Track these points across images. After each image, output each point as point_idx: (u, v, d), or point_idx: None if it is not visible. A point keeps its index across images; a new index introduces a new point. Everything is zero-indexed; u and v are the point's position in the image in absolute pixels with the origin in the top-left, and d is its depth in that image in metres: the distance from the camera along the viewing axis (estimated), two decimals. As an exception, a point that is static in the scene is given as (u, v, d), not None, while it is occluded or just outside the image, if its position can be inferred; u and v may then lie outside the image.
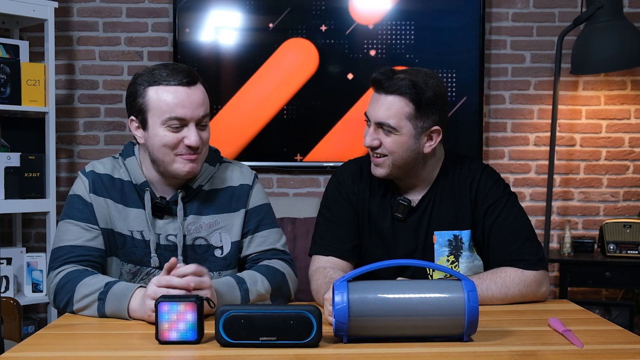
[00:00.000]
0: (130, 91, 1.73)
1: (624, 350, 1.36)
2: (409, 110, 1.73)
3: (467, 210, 1.82)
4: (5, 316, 2.08)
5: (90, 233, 1.72)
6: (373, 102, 1.77)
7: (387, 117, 1.73)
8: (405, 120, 1.74)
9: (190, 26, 3.47)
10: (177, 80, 1.68)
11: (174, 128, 1.68)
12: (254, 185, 1.86)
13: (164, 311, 1.36)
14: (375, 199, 1.86)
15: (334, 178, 1.92)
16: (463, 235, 1.82)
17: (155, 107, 1.68)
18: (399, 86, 1.72)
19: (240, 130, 3.49)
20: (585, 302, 3.16)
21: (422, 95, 1.72)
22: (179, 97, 1.67)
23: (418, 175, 1.83)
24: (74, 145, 3.59)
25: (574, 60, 3.35)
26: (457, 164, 1.86)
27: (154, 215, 1.75)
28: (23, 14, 3.12)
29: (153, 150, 1.71)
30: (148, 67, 1.75)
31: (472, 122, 3.47)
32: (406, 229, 1.84)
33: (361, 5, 3.46)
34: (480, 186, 1.82)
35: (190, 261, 1.74)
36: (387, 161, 1.77)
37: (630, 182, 3.59)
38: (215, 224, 1.79)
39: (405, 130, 1.74)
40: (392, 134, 1.74)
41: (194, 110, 1.68)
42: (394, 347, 1.34)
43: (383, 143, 1.76)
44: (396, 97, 1.73)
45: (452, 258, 1.82)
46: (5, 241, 3.44)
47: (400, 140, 1.75)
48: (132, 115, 1.74)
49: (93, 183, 1.75)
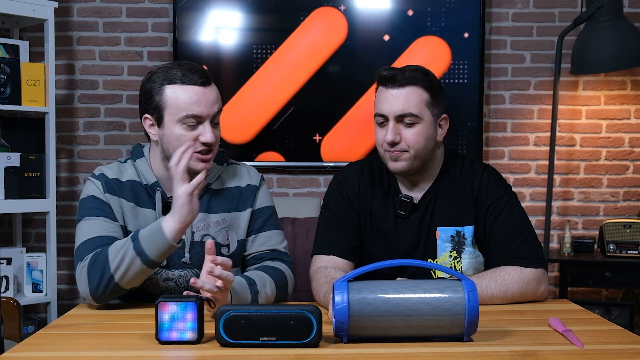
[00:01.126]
0: (145, 89, 1.77)
1: (624, 350, 1.36)
2: (427, 98, 1.79)
3: (470, 206, 1.84)
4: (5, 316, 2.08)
5: (113, 225, 1.74)
6: (387, 99, 1.78)
7: (409, 107, 1.76)
8: (425, 107, 1.78)
9: (190, 26, 3.47)
10: (194, 79, 1.73)
11: (190, 126, 1.72)
12: (260, 186, 1.90)
13: (164, 311, 1.36)
14: (377, 198, 1.88)
15: (335, 180, 1.93)
16: (466, 231, 1.83)
17: (172, 104, 1.72)
18: (414, 77, 1.77)
19: (239, 130, 3.49)
20: (585, 302, 3.16)
21: (433, 82, 1.80)
22: (196, 95, 1.72)
23: (428, 168, 1.85)
24: (74, 145, 3.59)
25: (574, 60, 3.35)
26: (457, 162, 1.89)
27: (165, 214, 1.76)
28: (23, 14, 3.12)
29: (168, 148, 1.75)
30: (162, 66, 1.79)
31: (472, 122, 3.47)
32: (408, 226, 1.85)
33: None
34: (482, 184, 1.84)
35: (197, 258, 1.78)
36: (407, 155, 1.79)
37: (630, 182, 3.59)
38: (223, 222, 1.82)
39: (426, 118, 1.79)
40: (415, 124, 1.78)
41: (209, 108, 1.73)
42: (394, 347, 1.34)
43: (403, 137, 1.78)
44: (412, 87, 1.77)
45: (454, 254, 1.84)
46: (5, 241, 3.44)
47: (422, 130, 1.78)
48: (147, 113, 1.78)
49: (106, 184, 1.78)
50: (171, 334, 1.37)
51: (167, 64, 1.80)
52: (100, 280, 1.63)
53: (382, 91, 1.80)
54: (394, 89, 1.77)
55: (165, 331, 1.37)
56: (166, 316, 1.36)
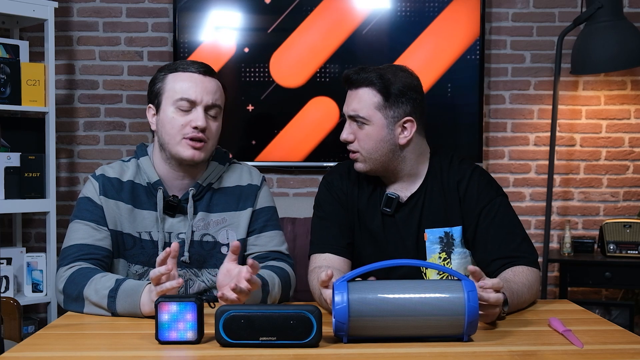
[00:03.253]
0: (152, 80, 1.82)
1: (624, 350, 1.36)
2: (378, 101, 1.78)
3: (456, 207, 1.83)
4: (5, 316, 2.08)
5: (99, 233, 1.75)
6: (347, 98, 1.83)
7: (359, 109, 1.79)
8: (374, 110, 1.78)
9: (190, 26, 3.47)
10: (194, 68, 1.77)
11: (182, 110, 1.75)
12: (262, 187, 1.90)
13: (164, 311, 1.36)
14: (364, 196, 1.88)
15: (324, 180, 1.95)
16: (454, 232, 1.83)
17: (170, 89, 1.77)
18: (367, 78, 1.79)
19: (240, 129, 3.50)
20: (585, 302, 3.16)
21: (389, 85, 1.78)
22: (193, 81, 1.76)
23: (399, 169, 1.84)
24: (74, 145, 3.59)
25: (574, 60, 3.35)
26: (445, 161, 1.88)
27: (166, 213, 1.78)
28: (23, 14, 3.12)
29: (162, 133, 1.77)
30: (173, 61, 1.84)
31: (472, 122, 3.47)
32: (396, 226, 1.85)
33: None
34: (470, 187, 1.83)
35: (196, 257, 1.79)
36: (359, 156, 1.81)
37: (630, 182, 3.59)
38: (223, 221, 1.83)
39: (375, 120, 1.79)
40: (365, 125, 1.79)
41: (204, 95, 1.75)
42: (394, 347, 1.34)
43: (357, 137, 1.81)
44: (365, 89, 1.79)
45: (444, 255, 1.83)
46: (5, 241, 3.44)
47: (372, 132, 1.79)
48: (150, 102, 1.81)
49: (103, 186, 1.79)
50: (171, 334, 1.37)
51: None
52: (75, 298, 1.65)
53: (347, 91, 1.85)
54: (350, 89, 1.82)
55: (165, 331, 1.37)
56: (166, 316, 1.36)
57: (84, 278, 1.65)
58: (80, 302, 1.64)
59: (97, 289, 1.62)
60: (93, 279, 1.64)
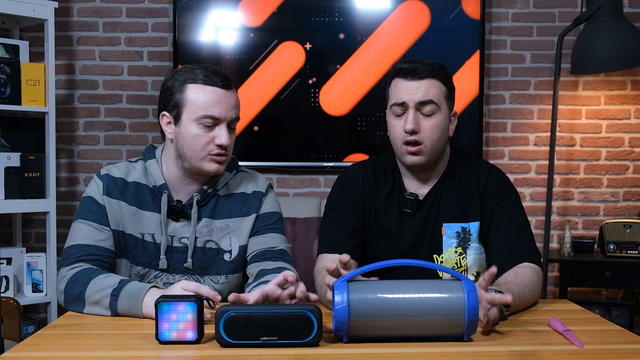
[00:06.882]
0: (167, 86, 1.78)
1: (624, 350, 1.36)
2: (445, 90, 1.82)
3: (475, 203, 1.86)
4: (5, 316, 2.08)
5: (101, 233, 1.75)
6: (407, 89, 1.79)
7: (432, 95, 1.78)
8: (443, 99, 1.81)
9: (190, 26, 3.47)
10: (216, 81, 1.74)
11: (206, 126, 1.73)
12: (267, 193, 1.89)
13: (164, 311, 1.36)
14: (382, 197, 1.89)
15: (338, 181, 1.94)
16: (471, 227, 1.85)
17: (192, 103, 1.73)
18: (433, 69, 1.80)
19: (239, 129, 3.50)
20: (585, 302, 3.16)
21: (449, 76, 1.84)
22: (216, 97, 1.73)
23: (438, 164, 1.87)
24: (74, 145, 3.59)
25: (574, 60, 3.35)
26: (463, 159, 1.91)
27: (170, 217, 1.78)
28: (23, 14, 3.12)
29: (183, 146, 1.75)
30: (186, 66, 1.80)
31: (472, 122, 3.47)
32: (414, 223, 1.86)
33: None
34: (489, 182, 1.87)
35: (199, 263, 1.79)
36: (424, 147, 1.80)
37: (630, 182, 3.59)
38: (226, 228, 1.82)
39: (443, 109, 1.81)
40: (434, 114, 1.79)
41: (228, 111, 1.74)
42: (394, 347, 1.34)
43: (422, 128, 1.79)
44: (431, 79, 1.80)
45: (460, 250, 1.85)
46: (5, 241, 3.44)
47: (439, 121, 1.80)
48: (166, 110, 1.78)
49: (107, 186, 1.78)
50: (171, 334, 1.37)
51: (192, 65, 1.81)
52: (75, 298, 1.65)
53: (401, 82, 1.80)
54: (413, 80, 1.79)
55: (165, 331, 1.37)
56: (166, 316, 1.36)
57: (85, 279, 1.65)
58: (80, 303, 1.64)
59: (99, 288, 1.62)
60: (95, 280, 1.64)
